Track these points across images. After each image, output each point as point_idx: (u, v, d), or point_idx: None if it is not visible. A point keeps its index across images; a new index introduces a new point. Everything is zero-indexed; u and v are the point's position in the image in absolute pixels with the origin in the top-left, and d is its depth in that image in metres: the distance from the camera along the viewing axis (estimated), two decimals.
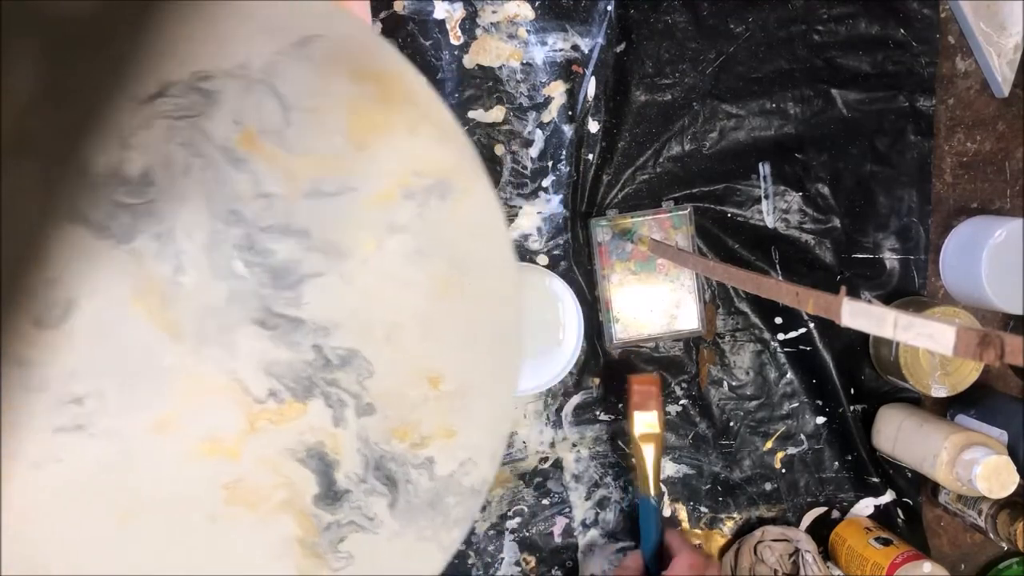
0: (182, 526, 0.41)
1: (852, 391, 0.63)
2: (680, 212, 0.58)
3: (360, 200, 0.40)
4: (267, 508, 0.42)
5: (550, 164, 0.58)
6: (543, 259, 0.59)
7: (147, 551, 0.40)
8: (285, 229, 0.39)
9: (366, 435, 0.42)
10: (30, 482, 0.37)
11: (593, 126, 0.58)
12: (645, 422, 0.56)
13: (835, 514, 0.64)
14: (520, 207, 0.58)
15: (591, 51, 0.58)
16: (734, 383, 0.62)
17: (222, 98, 0.37)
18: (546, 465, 0.60)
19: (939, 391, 0.58)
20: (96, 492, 0.38)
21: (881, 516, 0.64)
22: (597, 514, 0.61)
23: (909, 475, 0.63)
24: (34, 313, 0.36)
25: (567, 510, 0.61)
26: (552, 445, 0.60)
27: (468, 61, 0.57)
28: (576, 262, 0.59)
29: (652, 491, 0.55)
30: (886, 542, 0.59)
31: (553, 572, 0.61)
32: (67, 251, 0.36)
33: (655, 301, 0.59)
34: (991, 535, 0.59)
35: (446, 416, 0.42)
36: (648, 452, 0.55)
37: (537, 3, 0.57)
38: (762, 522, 0.63)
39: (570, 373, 0.59)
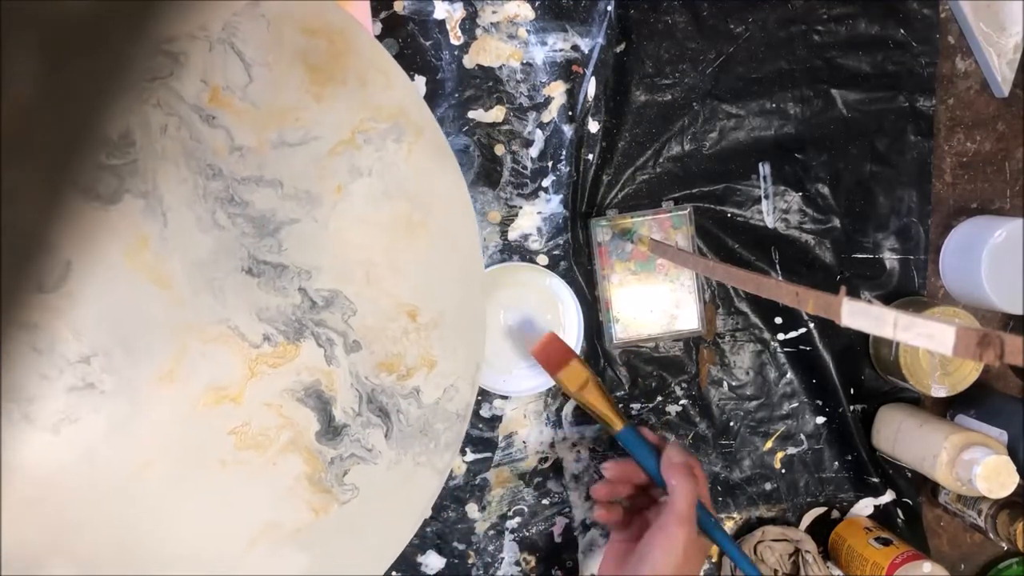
0: (195, 473, 0.42)
1: (852, 391, 0.63)
2: (680, 212, 0.58)
3: (323, 148, 0.42)
4: (274, 449, 0.43)
5: (550, 164, 0.59)
6: (543, 259, 0.59)
7: (164, 499, 0.42)
8: (259, 180, 0.41)
9: (356, 370, 0.45)
10: (51, 446, 0.38)
11: (593, 126, 0.58)
12: (571, 376, 0.53)
13: (835, 514, 0.64)
14: (520, 207, 0.58)
15: (591, 51, 0.58)
16: (734, 383, 0.62)
17: (187, 59, 0.39)
18: (546, 465, 0.60)
19: (939, 391, 0.58)
20: (112, 447, 0.40)
21: (881, 516, 0.64)
22: None
23: (909, 475, 0.63)
24: (35, 278, 0.37)
25: (567, 510, 0.61)
26: (552, 445, 0.60)
27: (468, 61, 0.57)
28: (576, 262, 0.59)
29: (619, 423, 0.53)
30: (886, 542, 0.59)
31: (553, 572, 0.61)
32: (58, 214, 0.37)
33: (655, 301, 0.59)
34: (991, 535, 0.59)
35: (426, 347, 0.45)
36: (593, 395, 0.53)
37: (537, 3, 0.57)
38: (762, 522, 0.63)
39: None
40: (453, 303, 0.46)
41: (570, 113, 0.58)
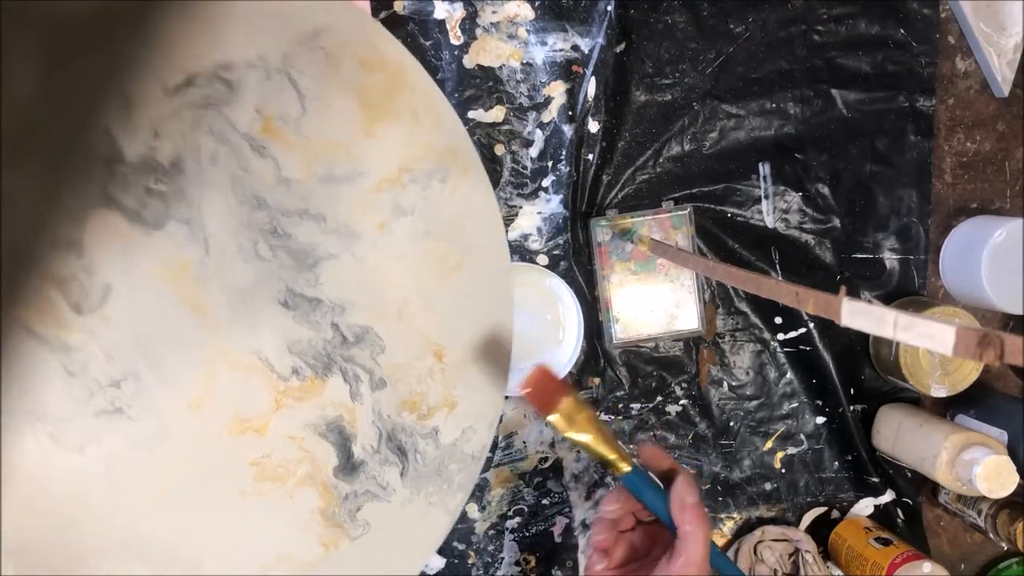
0: (215, 501, 0.42)
1: (852, 391, 0.63)
2: (680, 212, 0.58)
3: (369, 184, 0.42)
4: (292, 482, 0.44)
5: (550, 164, 0.59)
6: (543, 259, 0.59)
7: (182, 525, 0.42)
8: (303, 213, 0.41)
9: (379, 408, 0.45)
10: (75, 466, 0.39)
11: (593, 126, 0.58)
12: (565, 417, 0.44)
13: (835, 514, 0.64)
14: (520, 207, 0.58)
15: (591, 51, 0.58)
16: (734, 383, 0.62)
17: (243, 87, 0.39)
18: (546, 465, 0.60)
19: (939, 391, 0.58)
20: (135, 471, 0.40)
21: (881, 516, 0.64)
22: None
23: (909, 475, 0.63)
24: (73, 298, 0.37)
25: (567, 510, 0.61)
26: (552, 445, 0.60)
27: (468, 61, 0.57)
28: (576, 262, 0.59)
29: (625, 465, 0.44)
30: (886, 542, 0.59)
31: (553, 572, 0.61)
32: (104, 237, 0.37)
33: (655, 301, 0.59)
34: (991, 535, 0.59)
35: (449, 388, 0.45)
36: (590, 437, 0.44)
37: (537, 3, 0.57)
38: (762, 522, 0.63)
39: (570, 373, 0.59)
40: (477, 344, 0.46)
41: (570, 113, 0.58)
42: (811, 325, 0.61)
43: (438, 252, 0.44)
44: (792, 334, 0.62)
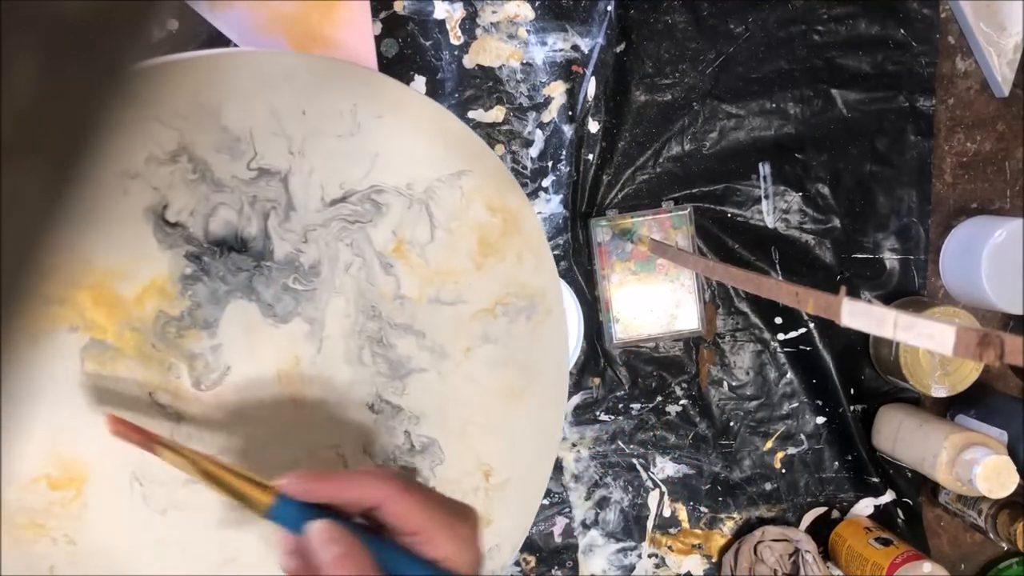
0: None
1: (852, 391, 0.63)
2: (680, 212, 0.58)
3: (468, 312, 0.46)
4: None
5: (550, 164, 0.59)
6: None
7: None
8: (408, 328, 0.44)
9: None
10: (155, 525, 0.40)
11: (593, 126, 0.58)
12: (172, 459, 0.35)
13: (835, 514, 0.64)
14: None
15: (591, 51, 0.58)
16: (734, 383, 0.62)
17: (389, 211, 0.43)
18: None
19: (939, 391, 0.58)
20: (206, 541, 0.42)
21: (881, 516, 0.64)
22: (597, 514, 0.61)
23: (909, 475, 0.63)
24: (196, 373, 0.40)
25: (567, 510, 0.61)
26: None
27: (468, 61, 0.57)
28: (576, 262, 0.59)
29: (265, 497, 0.34)
30: (886, 542, 0.59)
31: (553, 572, 0.61)
32: (236, 323, 0.41)
33: (655, 301, 0.59)
34: (991, 535, 0.59)
35: (488, 506, 0.47)
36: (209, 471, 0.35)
37: (537, 3, 0.57)
38: (762, 522, 0.63)
39: (570, 373, 0.59)
40: (522, 470, 0.48)
41: (570, 113, 0.58)
42: (811, 325, 0.61)
43: (507, 379, 0.47)
44: (792, 334, 0.62)
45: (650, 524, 0.62)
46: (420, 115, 0.44)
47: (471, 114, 0.57)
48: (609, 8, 0.57)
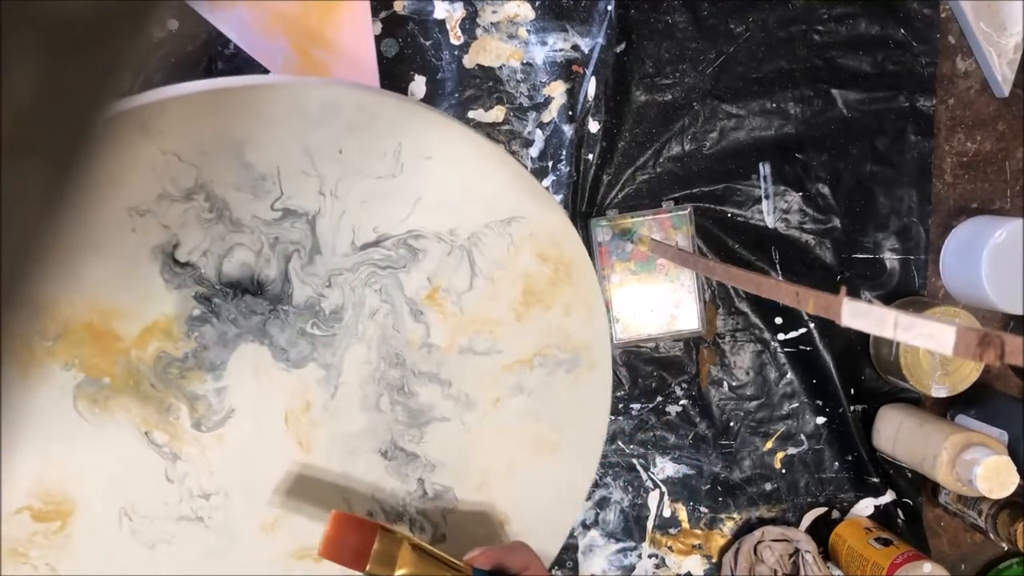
0: None
1: (852, 391, 0.63)
2: (680, 212, 0.58)
3: (502, 363, 0.43)
4: None
5: (550, 164, 0.58)
6: None
7: None
8: (433, 377, 0.42)
9: None
10: (143, 560, 0.40)
11: (593, 126, 0.58)
12: (383, 561, 0.37)
13: (835, 514, 0.64)
14: None
15: (591, 51, 0.58)
16: (734, 383, 0.62)
17: (425, 257, 0.41)
18: None
19: (939, 391, 0.58)
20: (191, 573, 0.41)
21: (881, 516, 0.64)
22: (597, 514, 0.61)
23: (909, 475, 0.63)
24: (197, 415, 0.39)
25: None
26: None
27: (468, 61, 0.57)
28: None
29: (466, 570, 0.39)
30: (886, 542, 0.59)
31: (553, 572, 0.61)
32: (245, 366, 0.39)
33: (655, 301, 0.59)
34: (991, 535, 0.59)
35: None
36: (409, 570, 0.38)
37: (537, 3, 0.57)
38: (762, 522, 0.63)
39: None
40: (540, 519, 0.47)
41: (570, 113, 0.58)
42: (811, 325, 0.61)
43: (537, 432, 0.45)
44: (792, 334, 0.62)
45: (650, 524, 0.62)
46: (473, 156, 0.40)
47: (471, 114, 0.57)
48: (609, 8, 0.57)
